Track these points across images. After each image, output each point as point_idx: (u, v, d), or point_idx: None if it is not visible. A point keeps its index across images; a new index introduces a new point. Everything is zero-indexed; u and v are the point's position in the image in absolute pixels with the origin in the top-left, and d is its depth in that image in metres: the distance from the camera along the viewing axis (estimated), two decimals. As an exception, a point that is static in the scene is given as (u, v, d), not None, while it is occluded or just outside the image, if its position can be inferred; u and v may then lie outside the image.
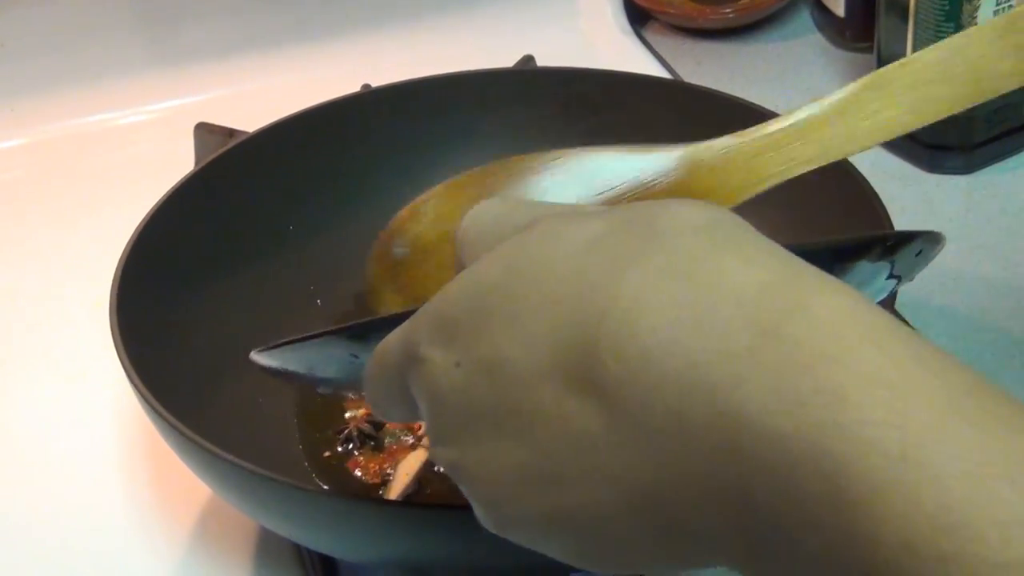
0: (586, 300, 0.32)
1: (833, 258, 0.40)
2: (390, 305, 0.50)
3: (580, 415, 0.31)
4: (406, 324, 0.37)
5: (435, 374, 0.35)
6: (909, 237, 0.42)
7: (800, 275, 0.31)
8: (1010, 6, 0.77)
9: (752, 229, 0.34)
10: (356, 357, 0.42)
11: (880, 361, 0.28)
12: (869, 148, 0.47)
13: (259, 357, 0.45)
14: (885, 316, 0.30)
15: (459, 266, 0.38)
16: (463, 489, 0.36)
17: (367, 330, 0.41)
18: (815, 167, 0.47)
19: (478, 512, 0.36)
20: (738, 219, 0.34)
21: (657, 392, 0.30)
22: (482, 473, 0.34)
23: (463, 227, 0.39)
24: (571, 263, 0.33)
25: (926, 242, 0.43)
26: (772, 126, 0.47)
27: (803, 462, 0.27)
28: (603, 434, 0.31)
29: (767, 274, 0.31)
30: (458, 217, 0.46)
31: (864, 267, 0.41)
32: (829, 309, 0.29)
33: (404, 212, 0.49)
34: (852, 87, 0.47)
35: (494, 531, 0.35)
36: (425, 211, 0.49)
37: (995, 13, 0.77)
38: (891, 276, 0.43)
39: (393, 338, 0.38)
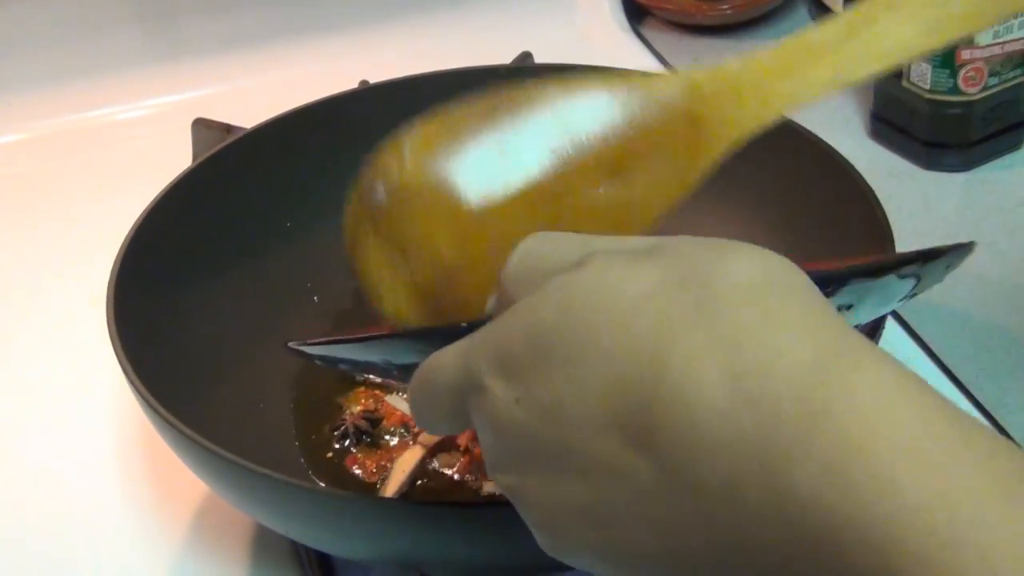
0: (641, 360, 0.33)
1: (864, 276, 0.40)
2: (368, 248, 0.47)
3: (635, 467, 0.32)
4: (462, 346, 0.38)
5: (497, 406, 0.36)
6: (937, 253, 0.42)
7: (848, 349, 0.31)
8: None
9: (804, 286, 0.34)
10: (390, 362, 0.44)
11: (928, 443, 0.29)
12: (885, 70, 0.44)
13: (299, 347, 0.47)
14: (931, 394, 0.31)
15: (507, 299, 0.38)
16: (521, 513, 0.37)
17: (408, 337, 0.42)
18: (829, 92, 0.44)
19: (534, 534, 0.37)
20: (791, 273, 0.34)
21: (710, 460, 0.31)
22: (539, 503, 0.35)
23: (512, 263, 0.39)
24: (625, 317, 0.33)
25: (955, 255, 0.43)
26: (780, 49, 0.44)
27: (853, 541, 0.28)
28: (655, 488, 0.32)
29: (815, 350, 0.31)
30: (443, 158, 0.44)
31: (891, 280, 0.42)
32: (876, 389, 0.30)
33: (384, 154, 0.46)
34: (865, 5, 0.44)
35: (548, 553, 0.37)
36: (407, 151, 0.45)
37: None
38: (914, 291, 0.44)
39: (448, 360, 0.38)
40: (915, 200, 0.82)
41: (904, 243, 0.76)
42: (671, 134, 0.44)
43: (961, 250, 0.43)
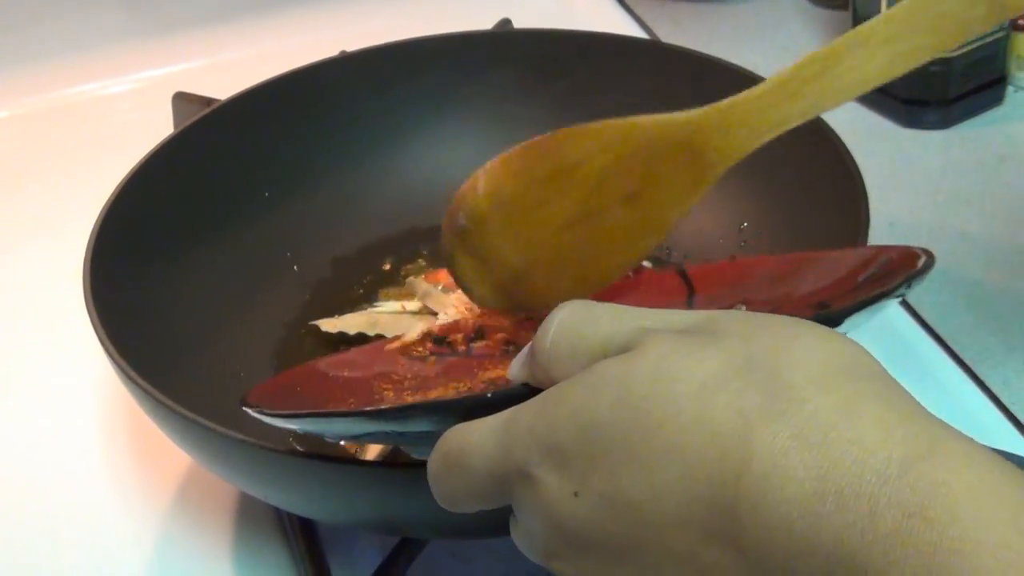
0: (717, 457, 0.32)
1: (863, 308, 0.42)
2: (465, 268, 0.57)
3: (718, 562, 0.32)
4: (497, 427, 0.37)
5: (552, 498, 0.35)
6: (923, 270, 0.44)
7: (938, 443, 0.31)
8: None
9: (875, 370, 0.34)
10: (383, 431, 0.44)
11: None
12: (853, 98, 0.50)
13: (267, 419, 0.46)
14: None
15: (545, 376, 0.38)
16: None
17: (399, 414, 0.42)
18: (807, 119, 0.50)
19: None
20: (859, 355, 0.34)
21: (803, 561, 0.30)
22: None
23: (548, 336, 0.38)
24: (693, 411, 0.33)
25: (930, 263, 0.45)
26: (762, 87, 0.50)
27: None
28: None
29: (905, 447, 0.31)
30: (504, 189, 0.54)
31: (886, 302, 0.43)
32: (969, 488, 0.30)
33: (465, 186, 0.55)
34: (836, 44, 0.49)
35: None
36: (479, 186, 0.55)
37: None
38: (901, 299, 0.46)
39: (482, 441, 0.38)
40: (895, 158, 0.82)
41: (884, 202, 0.77)
42: (676, 163, 0.52)
43: (930, 259, 0.45)
